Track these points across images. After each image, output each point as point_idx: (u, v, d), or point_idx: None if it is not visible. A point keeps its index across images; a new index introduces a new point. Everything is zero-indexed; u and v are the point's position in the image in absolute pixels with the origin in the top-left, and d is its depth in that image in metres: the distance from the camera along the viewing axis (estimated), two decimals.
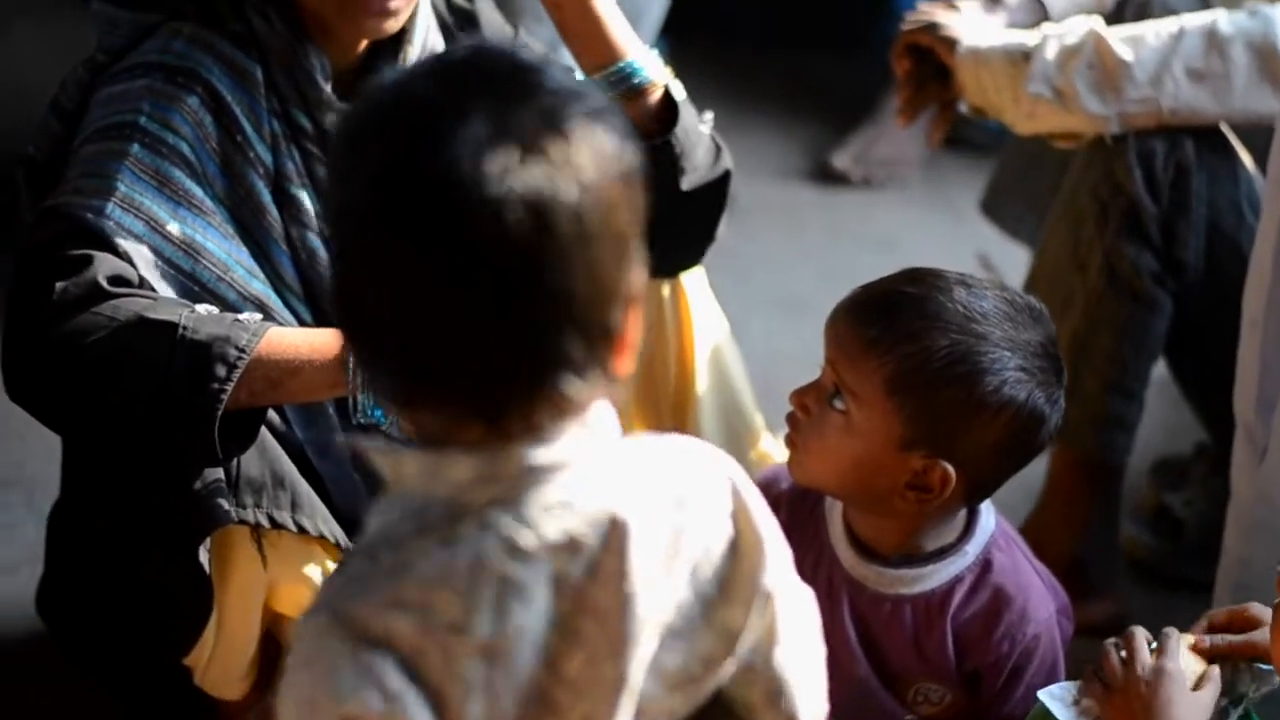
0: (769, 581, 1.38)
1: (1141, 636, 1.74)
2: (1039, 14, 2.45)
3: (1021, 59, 2.29)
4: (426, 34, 2.04)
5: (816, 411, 1.81)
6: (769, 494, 1.43)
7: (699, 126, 2.07)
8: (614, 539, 1.28)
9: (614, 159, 1.22)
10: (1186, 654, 1.74)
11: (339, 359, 1.80)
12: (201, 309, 1.81)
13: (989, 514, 1.88)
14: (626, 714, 1.32)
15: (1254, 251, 2.11)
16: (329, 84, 1.99)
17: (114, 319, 1.77)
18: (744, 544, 1.36)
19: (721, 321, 2.35)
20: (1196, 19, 2.29)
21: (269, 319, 1.87)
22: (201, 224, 1.92)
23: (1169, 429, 2.80)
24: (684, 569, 1.33)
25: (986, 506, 1.88)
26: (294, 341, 1.81)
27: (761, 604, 1.38)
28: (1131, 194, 2.32)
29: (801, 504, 1.90)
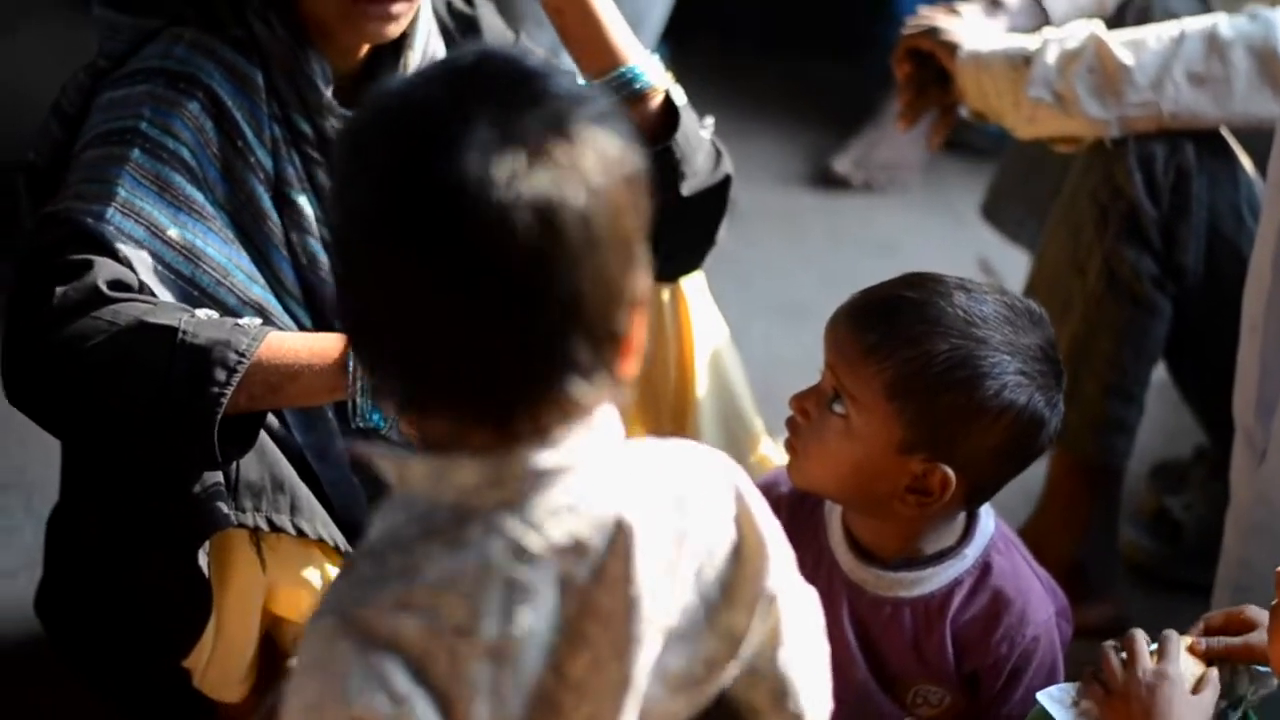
0: (772, 584, 1.38)
1: (1141, 639, 1.75)
2: (1040, 18, 2.44)
3: (1022, 63, 2.29)
4: (428, 39, 2.04)
5: (816, 416, 1.81)
6: (769, 497, 1.43)
7: (700, 131, 2.07)
8: (619, 542, 1.28)
9: (620, 163, 1.22)
10: (1186, 657, 1.74)
11: (338, 364, 1.80)
12: (201, 314, 1.80)
13: (988, 517, 1.88)
14: (631, 716, 1.32)
15: (1254, 255, 2.11)
16: (330, 89, 1.99)
17: (114, 324, 1.77)
18: (747, 547, 1.37)
19: (721, 326, 2.34)
20: (1197, 23, 2.29)
21: (269, 324, 1.87)
22: (202, 229, 1.92)
23: (1168, 432, 2.79)
24: (688, 572, 1.34)
25: (986, 509, 1.88)
26: (294, 346, 1.81)
27: (765, 607, 1.38)
28: (1131, 198, 2.32)
29: (801, 507, 1.90)
